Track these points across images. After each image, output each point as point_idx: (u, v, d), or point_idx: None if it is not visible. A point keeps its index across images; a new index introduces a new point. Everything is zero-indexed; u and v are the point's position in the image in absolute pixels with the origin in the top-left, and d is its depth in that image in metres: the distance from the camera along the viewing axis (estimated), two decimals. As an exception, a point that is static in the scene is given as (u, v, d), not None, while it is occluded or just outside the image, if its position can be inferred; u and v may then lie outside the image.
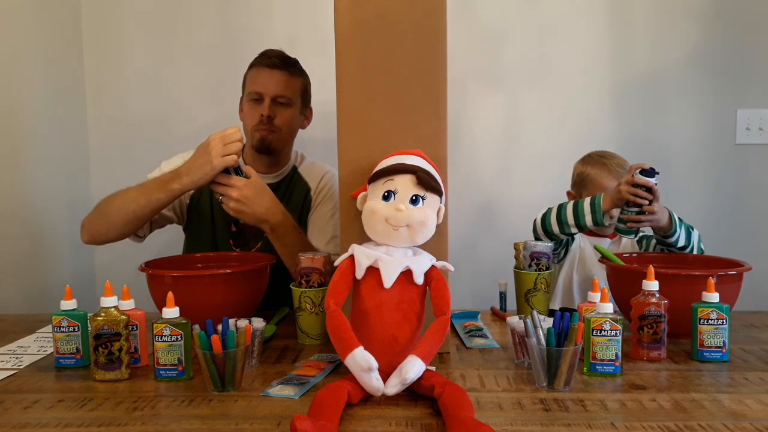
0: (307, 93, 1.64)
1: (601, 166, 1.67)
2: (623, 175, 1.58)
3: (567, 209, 1.47)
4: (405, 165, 0.99)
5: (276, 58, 1.56)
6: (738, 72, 2.05)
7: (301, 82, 1.61)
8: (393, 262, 0.95)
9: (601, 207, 1.42)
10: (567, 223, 1.47)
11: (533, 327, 0.96)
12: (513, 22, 2.05)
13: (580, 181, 1.70)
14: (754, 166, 2.08)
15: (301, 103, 1.61)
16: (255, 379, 1.01)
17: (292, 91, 1.58)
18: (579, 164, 1.74)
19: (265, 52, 1.59)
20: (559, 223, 1.48)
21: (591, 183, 1.67)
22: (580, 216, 1.45)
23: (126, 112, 2.08)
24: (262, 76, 1.56)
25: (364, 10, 1.08)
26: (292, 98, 1.58)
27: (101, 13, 2.05)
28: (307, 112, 1.67)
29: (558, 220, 1.48)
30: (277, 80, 1.55)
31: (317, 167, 1.69)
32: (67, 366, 1.07)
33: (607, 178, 1.64)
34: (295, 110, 1.59)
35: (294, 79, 1.58)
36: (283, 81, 1.56)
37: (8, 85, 1.72)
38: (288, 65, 1.58)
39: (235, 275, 1.26)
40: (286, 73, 1.56)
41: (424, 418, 0.86)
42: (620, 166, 1.65)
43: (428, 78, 1.08)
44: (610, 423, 0.83)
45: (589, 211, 1.44)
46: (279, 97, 1.55)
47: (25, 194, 1.78)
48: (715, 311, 1.07)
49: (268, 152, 1.60)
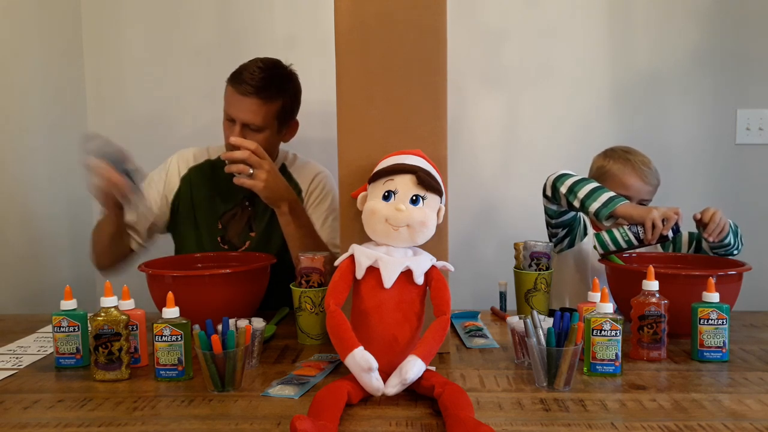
0: (287, 112, 1.54)
1: (624, 162, 1.60)
2: (647, 174, 1.56)
3: (584, 187, 1.38)
4: (405, 165, 0.99)
5: (249, 84, 1.44)
6: (738, 72, 2.05)
7: (278, 105, 1.50)
8: (393, 262, 0.95)
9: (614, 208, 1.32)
10: (576, 196, 1.38)
11: (533, 327, 0.96)
12: (513, 22, 2.05)
13: (600, 175, 1.63)
14: (754, 166, 2.08)
15: (277, 124, 1.52)
16: (255, 379, 1.01)
17: (264, 118, 1.48)
18: (600, 158, 1.67)
19: (242, 70, 1.48)
20: (570, 189, 1.39)
21: (612, 179, 1.60)
22: (590, 198, 1.36)
23: (126, 112, 2.08)
24: (234, 100, 1.47)
25: (364, 10, 1.08)
26: (264, 125, 1.48)
27: (101, 13, 2.05)
28: (289, 128, 1.59)
29: (571, 186, 1.40)
30: (248, 107, 1.45)
31: (309, 167, 1.65)
32: (67, 366, 1.07)
33: (631, 176, 1.58)
34: (268, 133, 1.50)
35: (268, 105, 1.47)
36: (255, 108, 1.46)
37: (8, 85, 1.71)
38: (262, 91, 1.46)
39: (235, 275, 1.26)
40: (258, 101, 1.45)
41: (424, 418, 0.86)
42: (644, 164, 1.59)
43: (428, 78, 1.08)
44: (610, 423, 0.83)
45: (603, 201, 1.34)
46: (250, 123, 1.47)
47: (25, 194, 1.78)
48: (715, 311, 1.07)
49: None
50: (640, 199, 1.58)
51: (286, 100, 1.52)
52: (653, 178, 1.60)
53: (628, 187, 1.56)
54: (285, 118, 1.55)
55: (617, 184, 1.57)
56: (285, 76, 1.53)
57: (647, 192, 1.60)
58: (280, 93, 1.50)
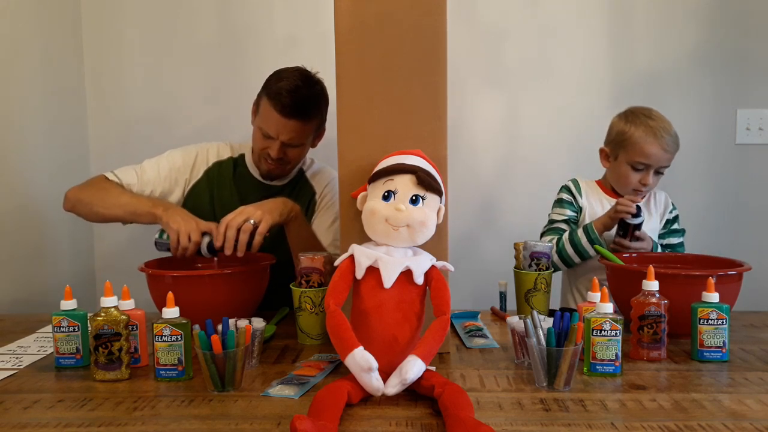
0: (321, 123, 1.59)
1: (646, 128, 1.51)
2: (668, 142, 1.53)
3: (566, 248, 1.52)
4: (405, 165, 0.99)
5: (290, 107, 1.46)
6: (738, 72, 2.05)
7: (315, 123, 1.54)
8: (393, 262, 0.95)
9: (595, 232, 1.48)
10: (571, 259, 1.52)
11: (533, 327, 0.96)
12: (513, 22, 2.05)
13: (622, 140, 1.55)
14: (754, 166, 2.08)
15: (313, 136, 1.58)
16: (255, 379, 1.01)
17: (303, 136, 1.53)
18: (620, 121, 1.58)
19: (281, 91, 1.46)
20: (565, 262, 1.55)
21: (632, 146, 1.53)
22: (579, 248, 1.50)
23: (126, 111, 2.08)
24: (273, 120, 1.48)
25: (364, 10, 1.08)
26: (303, 140, 1.54)
27: (101, 13, 2.05)
28: (320, 135, 1.63)
29: (561, 259, 1.54)
30: (289, 129, 1.49)
31: (324, 173, 1.70)
32: (67, 366, 1.07)
33: (653, 145, 1.50)
34: (305, 146, 1.58)
35: (307, 125, 1.51)
36: (297, 128, 1.49)
37: (8, 85, 1.72)
38: (302, 112, 1.48)
39: (235, 275, 1.26)
40: (298, 122, 1.49)
41: (424, 418, 0.86)
42: (666, 131, 1.52)
43: (428, 78, 1.08)
44: (610, 423, 0.83)
45: (585, 240, 1.49)
46: (290, 141, 1.51)
47: (25, 194, 1.78)
48: (715, 311, 1.07)
49: (272, 179, 1.63)
50: (658, 166, 1.54)
51: (322, 114, 1.57)
52: (674, 145, 1.54)
53: (648, 155, 1.51)
54: (319, 129, 1.60)
55: (637, 152, 1.52)
56: (320, 92, 1.55)
57: (666, 159, 1.55)
58: (318, 110, 1.54)
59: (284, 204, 1.40)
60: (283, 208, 1.38)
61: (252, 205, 1.35)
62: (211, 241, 1.32)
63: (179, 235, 1.32)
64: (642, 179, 1.55)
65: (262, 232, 1.31)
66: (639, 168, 1.54)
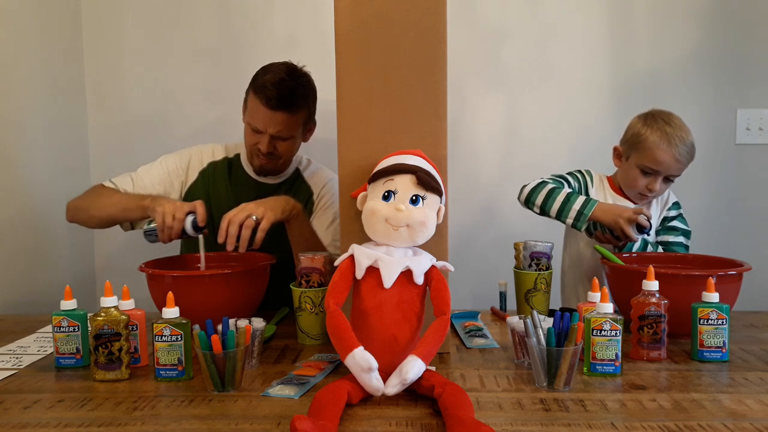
0: (310, 116, 1.59)
1: (662, 134, 1.47)
2: (681, 152, 1.48)
3: (555, 201, 1.44)
4: (405, 165, 0.99)
5: (276, 99, 1.46)
6: (738, 72, 2.05)
7: (303, 114, 1.54)
8: (393, 262, 0.95)
9: (586, 218, 1.42)
10: (549, 212, 1.47)
11: (533, 327, 0.97)
12: (513, 22, 2.05)
13: (636, 142, 1.52)
14: (754, 166, 2.08)
15: (302, 129, 1.58)
16: (255, 379, 1.01)
17: (292, 128, 1.53)
18: (639, 122, 1.54)
19: (266, 84, 1.47)
20: (542, 208, 1.48)
21: (645, 151, 1.49)
22: (563, 214, 1.44)
23: (126, 112, 2.08)
24: (260, 114, 1.49)
25: (364, 10, 1.08)
26: (293, 133, 1.54)
27: (101, 14, 2.05)
28: (310, 128, 1.63)
29: (542, 205, 1.47)
30: (276, 121, 1.49)
31: (322, 174, 1.70)
32: (67, 366, 1.07)
33: (666, 153, 1.46)
34: (295, 139, 1.57)
35: (294, 116, 1.51)
36: (284, 120, 1.50)
37: (8, 85, 1.71)
38: (290, 104, 1.49)
39: (235, 275, 1.26)
40: (285, 114, 1.49)
41: (424, 418, 0.86)
42: (682, 140, 1.47)
43: (428, 78, 1.08)
44: (610, 423, 0.83)
45: (573, 216, 1.43)
46: (278, 133, 1.51)
47: (25, 194, 1.78)
48: (715, 311, 1.07)
49: (266, 175, 1.63)
50: (668, 174, 1.51)
51: (309, 106, 1.57)
52: (688, 155, 1.50)
53: (659, 162, 1.48)
54: (308, 122, 1.60)
55: (649, 158, 1.49)
56: (306, 83, 1.55)
57: (677, 169, 1.50)
58: (305, 101, 1.54)
59: (286, 201, 1.40)
60: (285, 206, 1.39)
61: (254, 202, 1.36)
62: (195, 219, 1.33)
63: (164, 217, 1.32)
64: (649, 184, 1.51)
65: (264, 229, 1.31)
66: (648, 173, 1.51)
